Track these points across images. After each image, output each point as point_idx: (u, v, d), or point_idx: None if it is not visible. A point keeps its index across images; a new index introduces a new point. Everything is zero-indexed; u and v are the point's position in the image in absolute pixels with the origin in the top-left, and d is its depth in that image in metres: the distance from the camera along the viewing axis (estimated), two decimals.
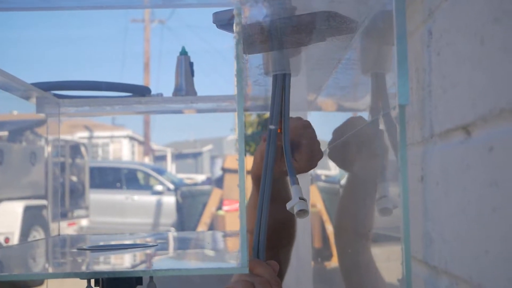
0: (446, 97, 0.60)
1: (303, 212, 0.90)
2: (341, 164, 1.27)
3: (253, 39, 0.90)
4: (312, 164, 1.11)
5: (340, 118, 1.27)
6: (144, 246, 1.21)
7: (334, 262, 1.56)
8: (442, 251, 0.62)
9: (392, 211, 0.78)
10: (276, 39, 0.92)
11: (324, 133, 1.13)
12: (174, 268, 0.85)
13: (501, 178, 0.47)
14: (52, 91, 1.44)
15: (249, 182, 1.10)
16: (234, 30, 0.76)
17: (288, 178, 0.96)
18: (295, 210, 0.90)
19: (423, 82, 0.68)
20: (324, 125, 1.21)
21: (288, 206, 0.92)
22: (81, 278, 0.85)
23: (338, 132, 1.23)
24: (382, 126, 0.84)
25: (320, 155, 1.11)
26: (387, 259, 0.87)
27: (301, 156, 1.07)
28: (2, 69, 1.14)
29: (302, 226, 2.19)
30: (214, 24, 0.91)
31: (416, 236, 0.70)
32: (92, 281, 0.88)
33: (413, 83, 0.71)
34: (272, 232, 1.06)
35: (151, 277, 0.92)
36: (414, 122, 0.71)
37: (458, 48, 0.57)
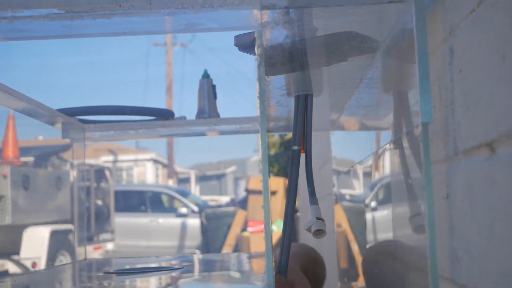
0: (469, 115, 0.60)
1: (320, 232, 0.91)
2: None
3: (275, 61, 0.91)
4: None
5: (363, 137, 1.27)
6: (170, 269, 1.21)
7: (360, 283, 1.55)
8: (470, 269, 0.61)
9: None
10: (298, 61, 0.93)
11: (347, 152, 1.13)
12: None
13: None
14: (77, 117, 1.46)
15: (273, 204, 1.10)
16: (256, 53, 0.77)
17: None
18: (312, 230, 0.91)
19: (446, 99, 0.68)
20: (347, 144, 1.20)
21: (306, 226, 0.92)
22: None
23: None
24: (405, 144, 0.84)
25: None
26: (414, 278, 0.86)
27: None
28: (30, 97, 1.16)
29: (327, 247, 2.18)
30: (236, 47, 0.92)
31: (442, 254, 0.69)
32: None
33: (435, 101, 0.71)
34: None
35: None
36: (437, 139, 0.71)
37: (480, 65, 0.57)
